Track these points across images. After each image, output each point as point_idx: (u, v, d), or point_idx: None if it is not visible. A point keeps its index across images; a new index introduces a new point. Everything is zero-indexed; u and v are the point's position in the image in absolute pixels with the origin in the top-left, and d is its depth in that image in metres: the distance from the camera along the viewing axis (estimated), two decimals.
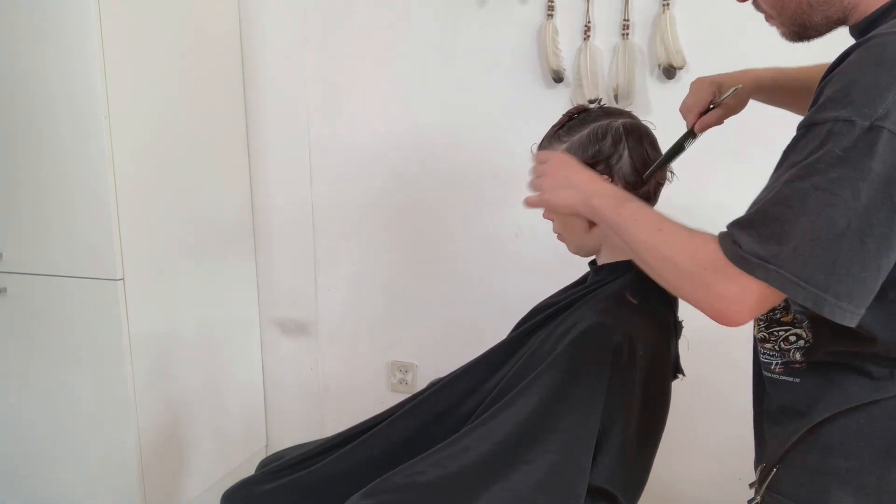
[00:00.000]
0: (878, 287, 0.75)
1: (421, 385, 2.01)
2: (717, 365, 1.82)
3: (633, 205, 0.95)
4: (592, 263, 1.23)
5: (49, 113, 1.67)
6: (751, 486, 1.02)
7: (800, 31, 0.92)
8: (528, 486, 0.99)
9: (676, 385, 1.18)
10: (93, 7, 1.59)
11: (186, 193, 1.94)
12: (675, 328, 1.19)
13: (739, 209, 0.84)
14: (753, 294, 0.79)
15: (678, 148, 1.12)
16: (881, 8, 0.84)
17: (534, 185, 1.08)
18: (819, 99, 0.78)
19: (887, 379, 0.85)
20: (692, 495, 1.97)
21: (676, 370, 1.21)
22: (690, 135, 1.13)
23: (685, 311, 1.22)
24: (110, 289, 1.73)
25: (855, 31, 0.90)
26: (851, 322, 0.75)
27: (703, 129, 1.13)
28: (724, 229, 0.82)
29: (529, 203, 1.10)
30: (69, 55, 1.62)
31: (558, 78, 1.83)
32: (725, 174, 1.70)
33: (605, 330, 1.04)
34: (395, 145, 2.05)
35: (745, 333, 1.22)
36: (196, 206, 1.98)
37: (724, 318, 0.82)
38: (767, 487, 0.96)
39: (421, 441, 1.15)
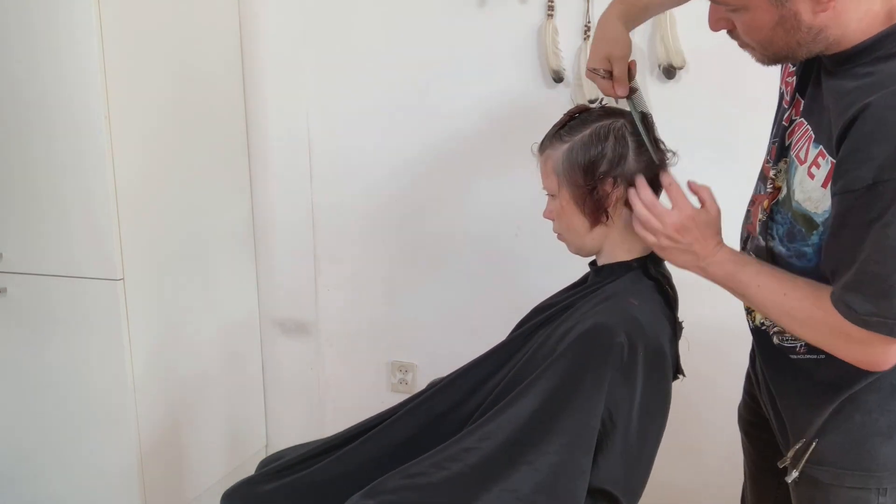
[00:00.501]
0: None
1: (421, 385, 2.01)
2: (717, 365, 1.82)
3: (755, 268, 1.00)
4: (593, 264, 1.23)
5: (49, 113, 1.67)
6: (783, 465, 1.08)
7: (777, 60, 0.98)
8: (529, 487, 0.99)
9: (676, 385, 1.18)
10: (93, 7, 1.58)
11: (186, 193, 1.94)
12: (676, 328, 1.19)
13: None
14: (889, 345, 0.89)
15: (642, 118, 1.13)
16: (865, 42, 0.90)
17: (650, 227, 1.07)
18: (848, 155, 0.85)
19: None
20: (692, 496, 1.97)
21: (676, 370, 1.21)
22: (632, 96, 1.16)
23: (685, 311, 1.22)
24: (110, 289, 1.73)
25: (832, 59, 0.95)
26: None
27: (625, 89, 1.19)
28: (833, 291, 0.91)
29: (650, 243, 1.09)
30: (69, 55, 1.62)
31: (558, 78, 1.83)
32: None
33: (605, 330, 1.04)
34: (395, 145, 2.05)
35: (746, 333, 1.22)
36: (196, 206, 1.98)
37: (876, 369, 0.94)
38: (808, 461, 1.03)
39: (421, 442, 1.15)
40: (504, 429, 1.02)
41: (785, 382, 1.08)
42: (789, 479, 1.07)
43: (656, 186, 1.12)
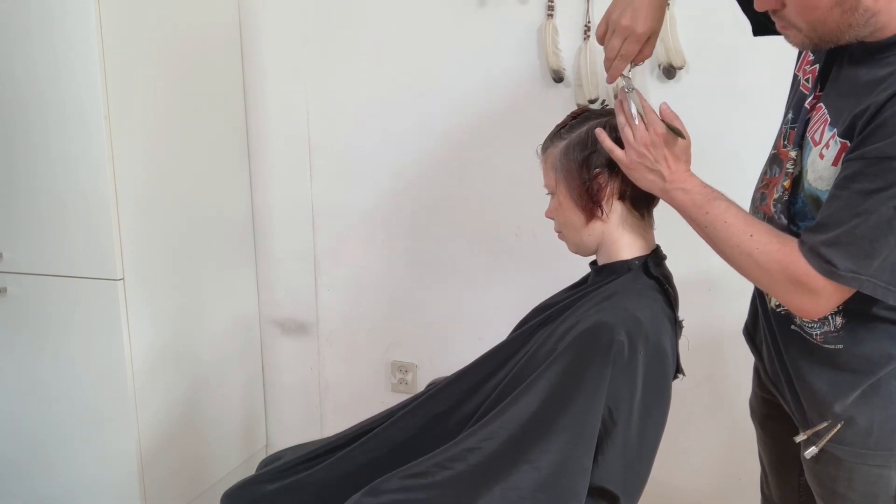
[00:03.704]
0: None
1: (421, 385, 2.01)
2: (717, 365, 1.82)
3: (721, 204, 1.01)
4: (593, 264, 1.23)
5: (49, 113, 1.67)
6: (800, 442, 1.12)
7: (819, 44, 0.97)
8: (530, 486, 0.99)
9: (676, 385, 1.18)
10: (92, 7, 1.59)
11: (186, 193, 1.94)
12: (676, 328, 1.19)
13: None
14: (837, 299, 0.95)
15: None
16: None
17: (625, 136, 1.07)
18: (875, 131, 0.88)
19: None
20: (692, 495, 1.97)
21: (677, 370, 1.21)
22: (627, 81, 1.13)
23: (685, 311, 1.23)
24: (110, 289, 1.73)
25: (866, 47, 0.95)
26: None
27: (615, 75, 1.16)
28: (804, 241, 0.94)
29: (617, 158, 1.09)
30: (69, 55, 1.62)
31: (558, 78, 1.83)
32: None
33: (606, 329, 1.04)
34: (395, 145, 2.05)
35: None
36: (196, 206, 1.98)
37: (809, 316, 1.01)
38: (830, 440, 1.07)
39: (422, 442, 1.15)
40: (505, 428, 1.02)
41: (805, 366, 1.10)
42: (808, 454, 1.10)
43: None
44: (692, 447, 1.91)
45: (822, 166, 0.98)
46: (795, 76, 1.15)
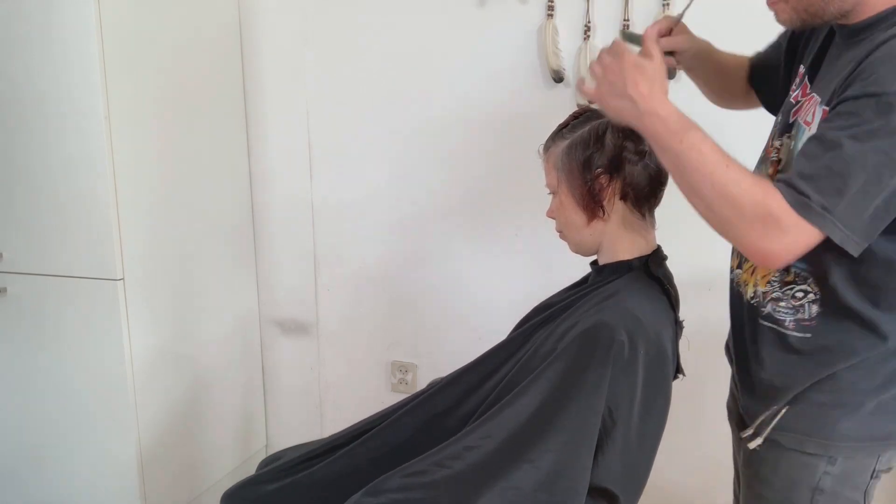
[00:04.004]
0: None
1: (421, 385, 2.01)
2: (717, 365, 1.82)
3: (697, 134, 0.94)
4: (594, 263, 1.23)
5: (49, 113, 1.67)
6: (744, 432, 1.12)
7: (806, 18, 0.97)
8: (530, 485, 0.99)
9: (677, 385, 1.18)
10: (93, 7, 1.58)
11: (186, 193, 1.94)
12: (677, 328, 1.19)
13: None
14: (802, 244, 0.90)
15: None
16: (881, 13, 0.93)
17: (594, 72, 1.03)
18: (855, 79, 0.88)
19: (887, 333, 0.99)
20: (692, 495, 1.97)
21: (677, 370, 1.21)
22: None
23: (686, 311, 1.23)
24: (110, 289, 1.73)
25: (845, 32, 0.98)
26: (857, 253, 0.90)
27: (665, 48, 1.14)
28: (780, 178, 0.91)
29: (584, 92, 1.06)
30: (69, 55, 1.62)
31: (558, 78, 1.83)
32: None
33: (606, 329, 1.04)
34: (395, 145, 2.05)
35: None
36: (196, 206, 1.98)
37: (768, 261, 0.93)
38: (774, 427, 1.07)
39: (422, 441, 1.15)
40: (505, 427, 1.03)
41: (767, 353, 1.09)
42: (752, 445, 1.10)
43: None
44: (693, 447, 1.91)
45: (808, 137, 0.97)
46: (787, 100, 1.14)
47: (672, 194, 1.19)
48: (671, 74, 1.74)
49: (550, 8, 1.80)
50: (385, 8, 1.98)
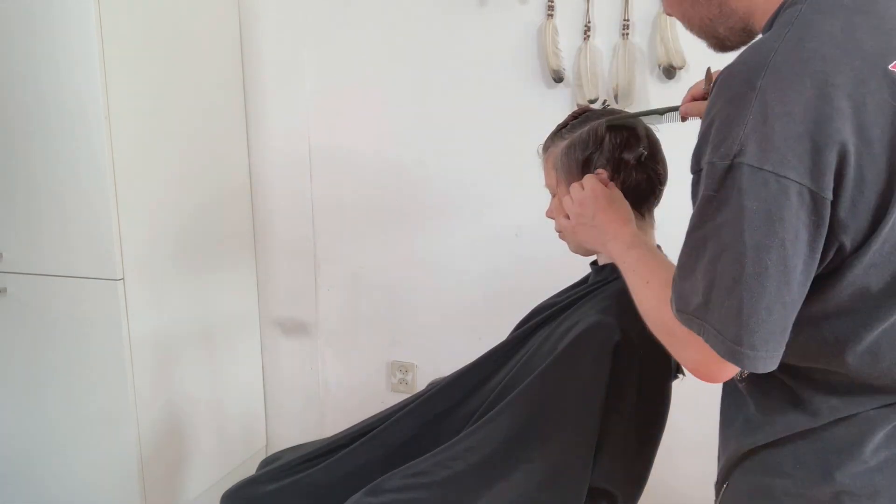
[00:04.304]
0: (790, 325, 0.71)
1: (421, 385, 2.01)
2: None
3: (638, 252, 0.94)
4: (594, 263, 1.23)
5: (49, 113, 1.67)
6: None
7: (718, 42, 0.90)
8: (530, 486, 0.99)
9: (677, 385, 1.18)
10: (93, 7, 1.58)
11: (186, 193, 1.94)
12: None
13: None
14: (708, 352, 0.73)
15: (654, 112, 1.13)
16: (772, 16, 0.79)
17: (568, 209, 1.09)
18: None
19: (821, 409, 0.79)
20: (692, 496, 1.97)
21: (677, 370, 1.21)
22: (673, 108, 1.12)
23: None
24: (110, 289, 1.73)
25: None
26: (769, 367, 0.71)
27: (686, 113, 1.09)
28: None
29: (557, 224, 1.12)
30: (69, 55, 1.62)
31: (558, 78, 1.83)
32: None
33: (605, 329, 1.04)
34: (395, 145, 2.05)
35: None
36: (196, 206, 1.98)
37: (703, 378, 0.79)
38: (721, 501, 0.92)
39: (422, 441, 1.15)
40: (505, 428, 1.03)
41: (725, 414, 0.94)
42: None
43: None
44: (692, 447, 1.91)
45: None
46: None
47: (672, 194, 1.19)
48: (671, 75, 1.75)
49: (550, 8, 1.80)
50: (385, 8, 1.98)
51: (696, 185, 0.75)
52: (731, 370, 0.75)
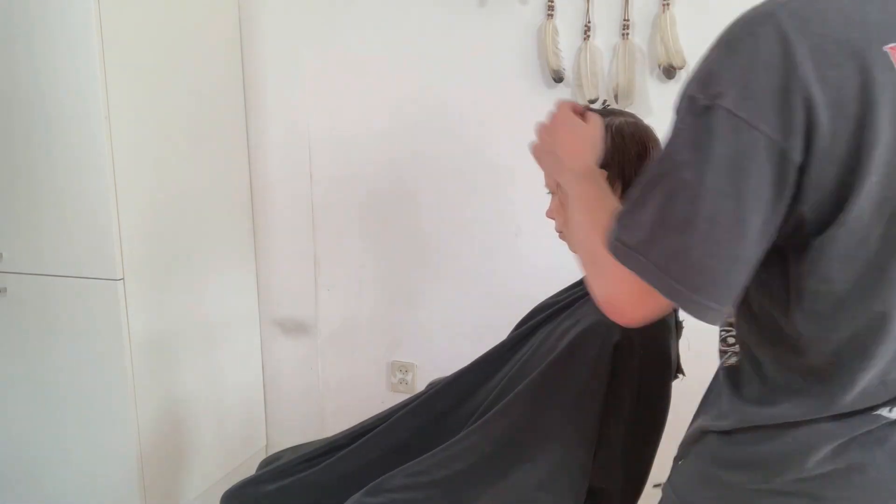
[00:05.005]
0: (740, 283, 0.69)
1: (421, 385, 2.01)
2: (717, 365, 1.82)
3: (588, 184, 0.89)
4: None
5: (49, 113, 1.67)
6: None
7: None
8: (530, 485, 0.99)
9: (676, 385, 1.18)
10: (92, 7, 1.59)
11: (186, 193, 1.94)
12: (676, 328, 1.19)
13: None
14: (632, 289, 0.71)
15: None
16: None
17: (538, 132, 1.01)
18: None
19: (782, 412, 0.77)
20: None
21: (677, 370, 1.21)
22: None
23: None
24: (110, 289, 1.73)
25: None
26: (715, 321, 0.69)
27: None
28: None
29: (531, 149, 1.04)
30: (69, 55, 1.62)
31: (558, 78, 1.83)
32: None
33: (604, 329, 1.04)
34: (396, 145, 2.05)
35: None
36: (196, 206, 1.98)
37: (613, 316, 0.76)
38: (668, 478, 0.90)
39: (423, 441, 1.15)
40: (505, 427, 1.03)
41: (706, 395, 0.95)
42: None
43: None
44: None
45: None
46: None
47: None
48: (671, 75, 1.75)
49: (550, 8, 1.80)
50: (385, 8, 1.98)
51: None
52: (645, 311, 0.73)
